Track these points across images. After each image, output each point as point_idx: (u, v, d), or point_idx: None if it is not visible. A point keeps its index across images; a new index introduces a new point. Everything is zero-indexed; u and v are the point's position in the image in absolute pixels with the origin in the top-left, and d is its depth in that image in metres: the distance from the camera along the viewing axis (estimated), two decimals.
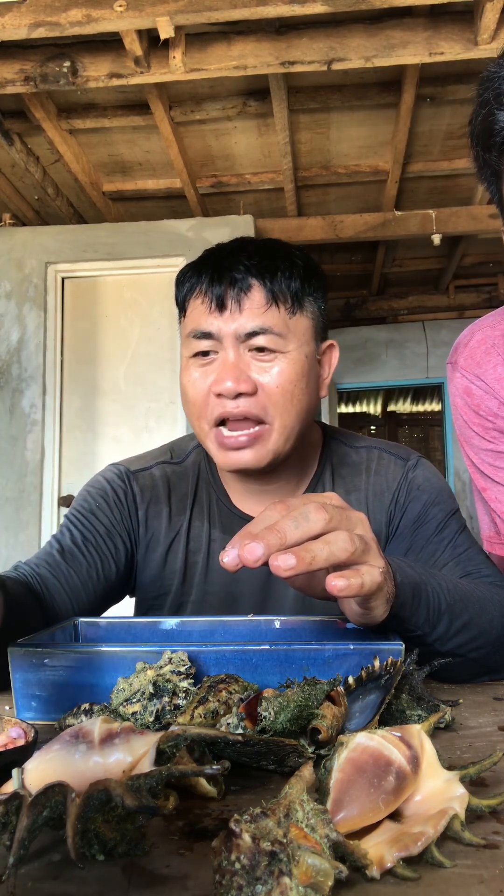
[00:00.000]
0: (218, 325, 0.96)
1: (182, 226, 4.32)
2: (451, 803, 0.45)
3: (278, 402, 0.96)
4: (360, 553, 0.65)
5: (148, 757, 0.47)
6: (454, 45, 2.86)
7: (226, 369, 0.96)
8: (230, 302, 0.96)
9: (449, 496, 1.09)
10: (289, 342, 0.97)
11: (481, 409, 1.06)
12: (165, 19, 2.60)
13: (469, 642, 0.83)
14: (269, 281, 0.96)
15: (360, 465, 1.11)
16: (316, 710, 0.56)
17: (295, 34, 2.90)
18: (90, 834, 0.42)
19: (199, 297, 0.99)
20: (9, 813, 0.41)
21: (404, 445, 1.17)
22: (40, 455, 4.19)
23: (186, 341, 1.01)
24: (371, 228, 4.66)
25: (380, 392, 10.34)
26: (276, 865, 0.36)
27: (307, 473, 1.10)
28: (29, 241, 4.35)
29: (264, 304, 0.96)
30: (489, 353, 1.07)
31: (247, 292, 0.96)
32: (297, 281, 0.98)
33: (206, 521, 1.08)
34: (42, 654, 0.70)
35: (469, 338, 1.11)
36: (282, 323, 0.97)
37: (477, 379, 1.07)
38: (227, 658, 0.70)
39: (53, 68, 2.97)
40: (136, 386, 4.22)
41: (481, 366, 1.07)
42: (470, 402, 1.08)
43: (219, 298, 0.96)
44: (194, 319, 0.99)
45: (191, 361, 1.00)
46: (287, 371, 0.96)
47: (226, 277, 0.97)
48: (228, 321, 0.96)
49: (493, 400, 1.05)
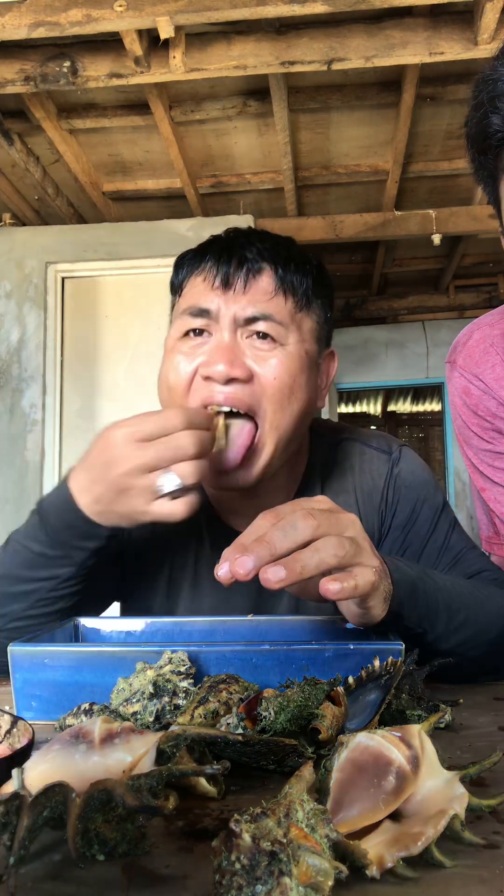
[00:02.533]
0: (218, 302, 0.88)
1: (182, 226, 4.32)
2: (451, 803, 0.45)
3: (274, 395, 0.88)
4: (353, 555, 0.64)
5: (148, 757, 0.47)
6: (454, 45, 2.86)
7: (219, 350, 0.87)
8: (236, 281, 0.88)
9: (436, 488, 1.06)
10: (290, 334, 0.90)
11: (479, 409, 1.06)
12: (165, 19, 2.60)
13: (468, 640, 0.82)
14: (280, 268, 0.90)
15: (343, 464, 1.06)
16: (316, 710, 0.56)
17: (295, 34, 2.90)
18: (90, 834, 0.42)
19: (202, 274, 0.91)
20: (9, 813, 0.41)
21: (383, 433, 1.12)
22: (40, 455, 4.19)
23: (178, 321, 0.92)
24: (371, 228, 4.67)
25: (380, 392, 10.33)
26: (276, 865, 0.36)
27: (294, 480, 1.05)
28: (29, 241, 4.35)
29: (272, 290, 0.89)
30: (487, 352, 1.06)
31: (255, 275, 0.89)
32: (308, 277, 0.93)
33: (192, 536, 1.03)
34: (42, 654, 0.70)
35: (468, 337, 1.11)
36: (287, 314, 0.90)
37: (475, 378, 1.07)
38: (227, 658, 0.70)
39: (53, 68, 2.97)
40: (136, 386, 4.22)
41: (480, 365, 1.07)
42: (468, 402, 1.07)
43: (224, 275, 0.88)
44: (192, 296, 0.91)
45: (178, 343, 0.92)
46: (287, 363, 0.89)
47: (235, 255, 0.89)
48: (230, 301, 0.88)
49: (491, 400, 1.05)
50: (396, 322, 7.11)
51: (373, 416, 11.17)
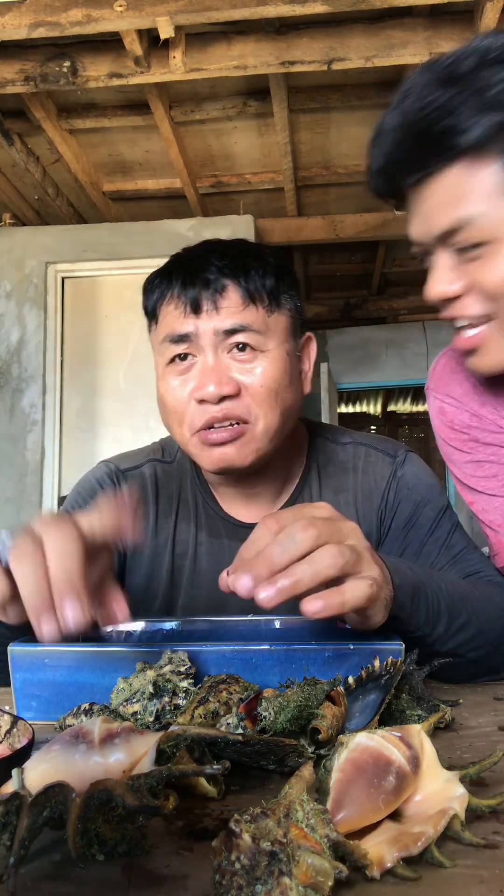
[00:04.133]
0: (195, 324, 0.92)
1: (182, 226, 4.32)
2: (451, 803, 0.45)
3: (263, 401, 0.93)
4: (352, 564, 0.64)
5: (148, 757, 0.47)
6: (454, 45, 2.82)
7: (206, 373, 0.92)
8: (206, 304, 0.92)
9: (439, 492, 1.07)
10: (269, 340, 0.94)
11: (455, 423, 1.09)
12: (165, 19, 2.60)
13: (469, 642, 0.83)
14: (243, 280, 0.93)
15: (346, 464, 1.08)
16: (316, 710, 0.56)
17: (295, 34, 2.90)
18: (90, 834, 0.42)
19: (172, 302, 0.95)
20: (9, 813, 0.41)
21: (391, 439, 1.16)
22: (40, 455, 4.19)
23: (161, 348, 0.97)
24: (371, 228, 4.67)
25: (380, 392, 10.34)
26: (276, 865, 0.36)
27: (294, 474, 1.08)
28: (29, 241, 4.35)
29: (241, 303, 0.92)
30: (455, 371, 1.11)
31: (222, 293, 0.92)
32: (271, 279, 0.95)
33: (192, 525, 1.07)
34: (42, 654, 0.70)
35: (436, 363, 1.16)
36: (261, 321, 0.93)
37: (447, 397, 1.11)
38: (227, 658, 0.70)
39: (53, 68, 2.97)
40: (136, 386, 4.22)
41: (449, 384, 1.11)
42: (444, 420, 1.11)
43: (193, 301, 0.92)
44: (168, 324, 0.95)
45: (167, 370, 0.96)
46: (270, 370, 0.93)
47: (198, 280, 0.93)
48: (205, 320, 0.92)
49: (464, 413, 1.08)
50: (396, 322, 7.10)
51: (372, 416, 11.17)
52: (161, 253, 4.24)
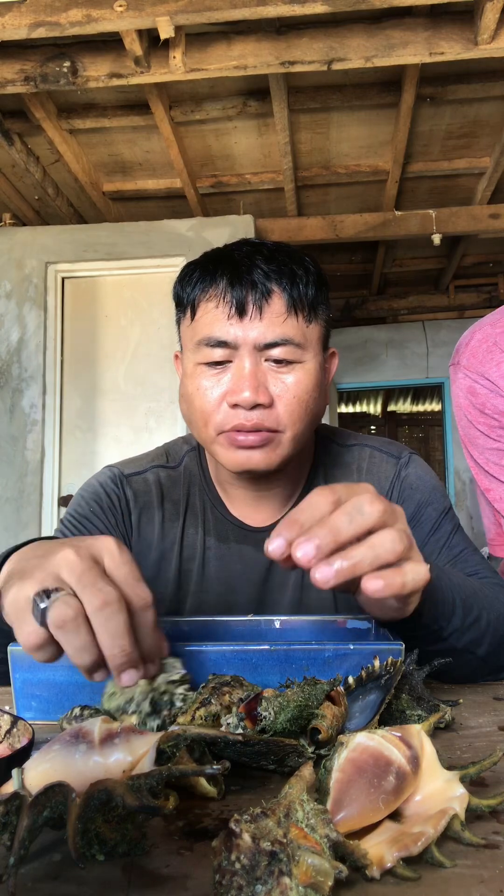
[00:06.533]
0: (235, 332, 0.91)
1: (182, 226, 4.32)
2: (451, 803, 0.45)
3: (294, 411, 0.92)
4: (407, 550, 0.61)
5: (148, 757, 0.47)
6: (454, 45, 2.86)
7: (242, 378, 0.91)
8: (251, 307, 0.90)
9: (442, 494, 1.07)
10: (306, 352, 0.93)
11: (487, 407, 1.06)
12: (165, 19, 2.60)
13: (480, 637, 0.83)
14: (289, 287, 0.92)
15: (351, 465, 1.09)
16: (316, 710, 0.56)
17: (295, 34, 2.90)
18: (90, 834, 0.42)
19: (214, 300, 0.93)
20: (9, 813, 0.41)
21: (396, 442, 1.16)
22: (40, 455, 4.19)
23: (196, 348, 0.95)
24: (371, 228, 4.67)
25: (380, 392, 10.35)
26: (276, 865, 0.36)
27: (302, 475, 1.08)
28: (29, 241, 4.35)
29: (284, 312, 0.91)
30: (491, 351, 1.07)
31: (267, 298, 0.91)
32: (312, 288, 0.94)
33: (200, 529, 1.06)
34: None
35: (470, 338, 1.11)
36: (300, 333, 0.93)
37: (481, 377, 1.07)
38: (226, 658, 0.70)
39: (53, 68, 2.97)
40: (136, 386, 4.22)
41: (484, 364, 1.07)
42: (475, 402, 1.07)
43: (239, 303, 0.90)
44: (207, 325, 0.93)
45: (199, 369, 0.95)
46: (304, 381, 0.93)
47: (246, 281, 0.91)
48: (248, 328, 0.91)
49: (498, 398, 1.05)
50: (396, 322, 7.11)
51: (373, 416, 11.17)
52: (161, 253, 4.24)
